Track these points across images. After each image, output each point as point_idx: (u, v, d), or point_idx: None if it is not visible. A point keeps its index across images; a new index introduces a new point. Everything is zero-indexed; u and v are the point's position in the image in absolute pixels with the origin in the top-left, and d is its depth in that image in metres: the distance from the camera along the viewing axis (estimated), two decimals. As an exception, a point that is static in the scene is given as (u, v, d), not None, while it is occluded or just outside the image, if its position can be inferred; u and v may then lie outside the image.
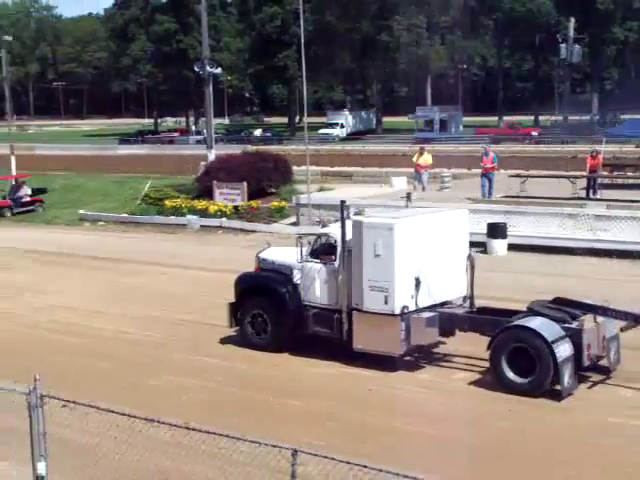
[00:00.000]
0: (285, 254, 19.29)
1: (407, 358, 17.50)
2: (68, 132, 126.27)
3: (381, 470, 8.29)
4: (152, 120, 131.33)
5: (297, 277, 18.42)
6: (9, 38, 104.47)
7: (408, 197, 23.69)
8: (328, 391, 16.27)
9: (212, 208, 38.03)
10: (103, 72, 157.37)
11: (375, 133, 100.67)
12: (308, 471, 9.11)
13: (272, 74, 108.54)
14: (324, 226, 19.36)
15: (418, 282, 16.78)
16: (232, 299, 19.31)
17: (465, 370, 17.07)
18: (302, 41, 37.65)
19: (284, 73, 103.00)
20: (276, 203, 37.74)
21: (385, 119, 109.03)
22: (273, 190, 40.66)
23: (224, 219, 37.10)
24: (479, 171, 36.60)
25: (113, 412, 10.32)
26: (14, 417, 11.80)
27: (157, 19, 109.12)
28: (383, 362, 16.98)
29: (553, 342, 15.20)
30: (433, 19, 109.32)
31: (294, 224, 35.59)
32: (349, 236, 17.24)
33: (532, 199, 33.00)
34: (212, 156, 43.84)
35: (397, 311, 16.62)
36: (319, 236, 18.54)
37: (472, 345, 17.18)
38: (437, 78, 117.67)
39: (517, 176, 38.41)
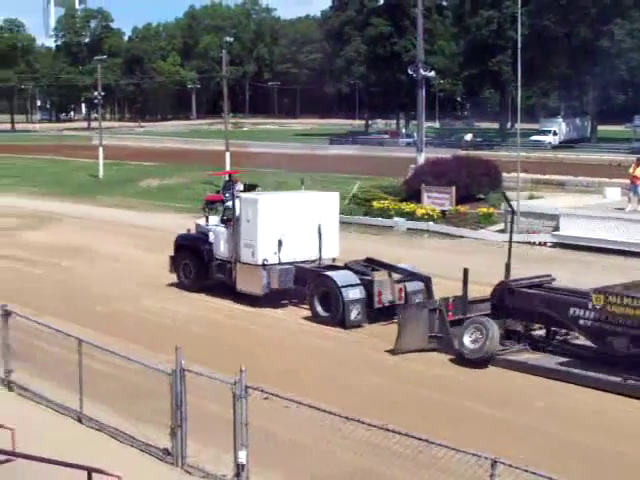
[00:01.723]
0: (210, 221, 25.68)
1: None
2: (281, 131, 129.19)
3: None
4: (363, 121, 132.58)
5: (212, 237, 24.83)
6: (230, 39, 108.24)
7: (302, 182, 26.79)
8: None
9: (419, 211, 37.87)
10: (317, 73, 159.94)
11: (589, 141, 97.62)
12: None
13: (485, 79, 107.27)
14: (227, 201, 25.31)
15: (280, 243, 22.89)
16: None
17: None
18: (519, 45, 36.98)
19: (498, 78, 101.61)
20: (484, 209, 37.09)
21: (600, 127, 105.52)
22: (482, 196, 40.05)
23: (431, 223, 36.94)
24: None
25: (315, 408, 10.42)
26: (218, 405, 12.13)
27: (372, 22, 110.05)
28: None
29: (343, 287, 21.18)
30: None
31: (502, 231, 34.97)
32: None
33: None
34: (421, 159, 43.77)
35: (260, 262, 22.96)
36: (225, 209, 24.86)
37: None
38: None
39: None
